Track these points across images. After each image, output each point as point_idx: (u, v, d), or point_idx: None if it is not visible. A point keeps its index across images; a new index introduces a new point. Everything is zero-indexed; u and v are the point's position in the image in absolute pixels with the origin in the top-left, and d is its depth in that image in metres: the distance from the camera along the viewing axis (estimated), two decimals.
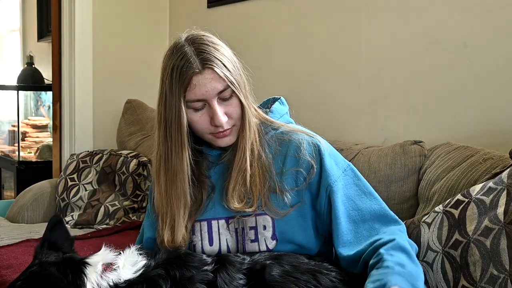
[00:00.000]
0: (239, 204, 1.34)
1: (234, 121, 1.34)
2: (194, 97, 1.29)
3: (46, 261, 1.22)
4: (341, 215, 1.32)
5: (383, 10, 2.13)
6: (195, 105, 1.31)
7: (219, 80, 1.29)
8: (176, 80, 1.29)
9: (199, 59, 1.28)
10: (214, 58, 1.29)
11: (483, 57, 1.80)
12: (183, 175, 1.34)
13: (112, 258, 1.25)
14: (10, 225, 2.72)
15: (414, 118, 2.03)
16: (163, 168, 1.36)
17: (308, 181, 1.35)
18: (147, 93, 3.32)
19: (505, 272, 1.20)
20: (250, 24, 2.77)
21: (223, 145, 1.36)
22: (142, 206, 2.73)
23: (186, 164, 1.33)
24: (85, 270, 1.20)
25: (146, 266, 1.23)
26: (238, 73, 1.34)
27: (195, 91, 1.28)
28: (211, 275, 1.23)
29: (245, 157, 1.34)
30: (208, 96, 1.29)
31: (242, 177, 1.34)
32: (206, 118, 1.32)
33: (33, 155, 4.09)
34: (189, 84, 1.28)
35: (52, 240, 1.27)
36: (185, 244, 1.38)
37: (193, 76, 1.28)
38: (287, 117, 1.50)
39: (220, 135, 1.34)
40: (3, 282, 2.00)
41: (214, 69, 1.28)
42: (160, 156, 1.36)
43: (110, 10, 3.34)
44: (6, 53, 5.58)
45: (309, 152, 1.35)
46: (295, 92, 2.48)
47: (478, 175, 1.49)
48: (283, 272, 1.25)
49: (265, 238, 1.35)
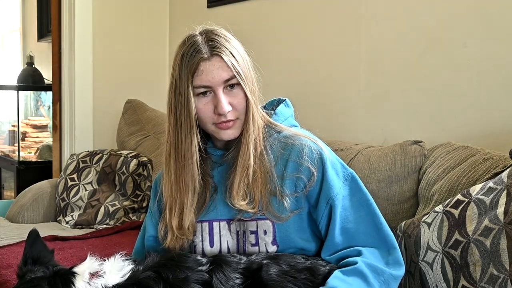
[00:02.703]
0: (243, 201, 1.34)
1: (238, 113, 1.34)
2: (200, 83, 1.31)
3: (36, 277, 1.23)
4: (336, 226, 1.33)
5: (384, 10, 2.13)
6: (201, 92, 1.32)
7: (226, 69, 1.31)
8: (185, 65, 1.31)
9: (208, 46, 1.31)
10: (223, 47, 1.31)
11: (483, 57, 1.80)
12: (192, 160, 1.35)
13: (98, 265, 1.26)
14: (10, 225, 2.72)
15: (414, 118, 2.03)
16: (173, 155, 1.37)
17: (309, 188, 1.35)
18: (147, 93, 3.33)
19: (505, 272, 1.20)
20: (250, 24, 2.77)
21: (226, 138, 1.36)
22: (142, 206, 2.73)
23: (195, 149, 1.35)
24: (73, 279, 1.22)
25: (134, 271, 1.24)
26: (247, 67, 1.35)
27: (202, 77, 1.30)
28: (207, 275, 1.23)
29: (249, 152, 1.34)
30: (214, 83, 1.31)
31: (246, 173, 1.34)
32: (211, 106, 1.33)
33: (33, 155, 4.09)
34: (197, 70, 1.31)
35: (35, 256, 1.28)
36: (193, 230, 1.38)
37: (201, 61, 1.30)
38: (291, 120, 1.50)
39: (223, 125, 1.34)
40: (3, 282, 2.00)
41: (222, 57, 1.30)
42: (170, 143, 1.37)
43: (110, 10, 3.34)
44: (6, 53, 5.58)
45: (311, 159, 1.35)
46: (295, 92, 2.48)
47: (478, 175, 1.49)
48: (280, 272, 1.25)
49: (265, 243, 1.36)
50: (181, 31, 1.40)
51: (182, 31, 1.40)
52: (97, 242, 2.39)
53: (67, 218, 2.76)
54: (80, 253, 2.16)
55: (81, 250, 2.21)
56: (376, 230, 1.34)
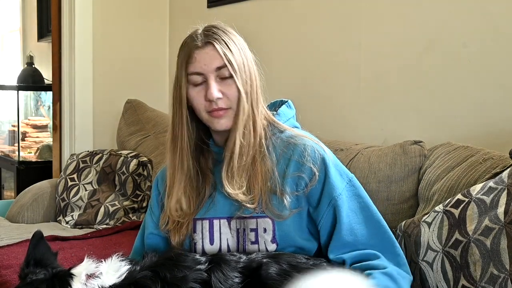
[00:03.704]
0: (238, 190, 1.35)
1: (231, 103, 1.36)
2: (193, 70, 1.35)
3: (36, 279, 1.24)
4: (343, 227, 1.33)
5: (383, 10, 2.13)
6: (194, 79, 1.35)
7: (217, 57, 1.34)
8: (182, 54, 1.38)
9: (204, 35, 1.36)
10: (218, 37, 1.35)
11: (483, 57, 1.80)
12: (183, 143, 1.40)
13: (95, 267, 1.27)
14: (10, 225, 2.72)
15: (414, 118, 2.03)
16: (170, 140, 1.43)
17: (310, 188, 1.35)
18: (147, 93, 3.33)
19: (505, 272, 1.20)
20: (250, 24, 2.77)
21: (219, 127, 1.38)
22: (142, 206, 2.73)
23: (187, 135, 1.40)
24: (71, 281, 1.23)
25: (130, 271, 1.24)
26: (243, 61, 1.36)
27: (195, 64, 1.35)
28: (205, 274, 1.23)
29: (234, 140, 1.36)
30: (206, 70, 1.34)
31: (230, 159, 1.36)
32: (202, 93, 1.36)
33: (33, 155, 4.09)
34: (191, 57, 1.35)
35: (37, 257, 1.29)
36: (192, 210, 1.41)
37: (195, 49, 1.35)
38: (293, 121, 1.51)
39: (215, 114, 1.36)
40: (3, 282, 2.00)
41: (214, 45, 1.34)
42: (169, 130, 1.43)
43: (110, 10, 3.34)
44: (6, 53, 5.58)
45: (313, 159, 1.36)
46: (294, 92, 2.48)
47: (478, 175, 1.49)
48: (280, 271, 1.25)
49: (265, 241, 1.36)
50: (181, 31, 1.42)
51: (182, 31, 1.42)
52: (97, 242, 2.39)
53: (67, 218, 2.76)
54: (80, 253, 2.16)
55: (81, 250, 2.21)
56: (382, 234, 1.34)
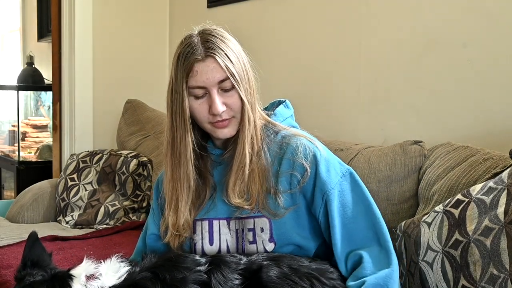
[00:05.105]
0: (240, 199, 1.36)
1: (234, 112, 1.36)
2: (195, 84, 1.32)
3: (35, 281, 1.24)
4: (336, 223, 1.33)
5: (383, 10, 2.13)
6: (196, 92, 1.33)
7: (219, 70, 1.31)
8: (181, 66, 1.33)
9: (203, 47, 1.32)
10: (218, 48, 1.32)
11: (483, 57, 1.80)
12: (187, 159, 1.38)
13: (94, 268, 1.27)
14: (10, 225, 2.72)
15: (414, 118, 2.03)
16: (170, 153, 1.40)
17: (302, 184, 1.35)
18: (147, 93, 3.33)
19: (505, 272, 1.20)
20: (250, 24, 2.77)
21: (222, 136, 1.37)
22: (142, 206, 2.73)
23: (190, 148, 1.37)
24: (71, 282, 1.23)
25: (130, 272, 1.24)
26: (242, 68, 1.35)
27: (196, 78, 1.32)
28: (205, 275, 1.23)
29: (244, 152, 1.35)
30: (208, 84, 1.32)
31: (242, 172, 1.35)
32: (205, 106, 1.34)
33: (33, 155, 4.09)
34: (191, 71, 1.32)
35: (34, 259, 1.29)
36: (188, 228, 1.40)
37: (195, 63, 1.31)
38: (290, 121, 1.51)
39: (218, 125, 1.35)
40: (3, 282, 2.00)
41: (215, 58, 1.31)
42: (167, 141, 1.40)
43: (110, 10, 3.34)
44: (6, 53, 5.58)
45: (305, 156, 1.36)
46: (294, 92, 2.48)
47: (478, 175, 1.49)
48: (281, 274, 1.25)
49: (262, 240, 1.36)
50: (181, 31, 1.41)
51: (182, 31, 1.40)
52: (97, 242, 2.39)
53: (67, 218, 2.76)
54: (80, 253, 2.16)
55: (81, 250, 2.21)
56: (372, 226, 1.34)
